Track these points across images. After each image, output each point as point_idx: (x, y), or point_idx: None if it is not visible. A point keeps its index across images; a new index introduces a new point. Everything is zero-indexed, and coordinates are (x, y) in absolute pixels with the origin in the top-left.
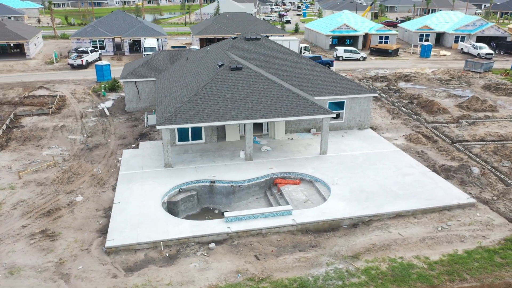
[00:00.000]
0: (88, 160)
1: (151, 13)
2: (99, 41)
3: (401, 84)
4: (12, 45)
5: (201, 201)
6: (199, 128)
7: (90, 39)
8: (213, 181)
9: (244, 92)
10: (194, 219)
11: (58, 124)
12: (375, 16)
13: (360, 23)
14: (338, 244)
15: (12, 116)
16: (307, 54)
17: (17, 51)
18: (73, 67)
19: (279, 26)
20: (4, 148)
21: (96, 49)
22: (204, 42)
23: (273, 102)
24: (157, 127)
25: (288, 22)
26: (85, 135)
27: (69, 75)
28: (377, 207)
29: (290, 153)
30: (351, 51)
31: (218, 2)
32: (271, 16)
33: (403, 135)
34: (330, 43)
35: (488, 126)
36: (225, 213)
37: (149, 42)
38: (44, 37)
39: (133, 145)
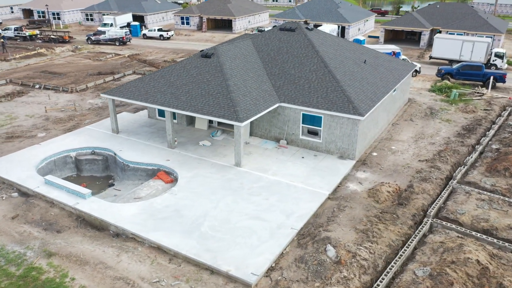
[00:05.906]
0: (99, 114)
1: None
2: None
3: None
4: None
5: (111, 168)
6: None
7: (284, 20)
8: (115, 154)
9: (188, 79)
10: (96, 180)
11: None
12: None
13: None
14: (66, 240)
15: (130, 72)
16: (498, 62)
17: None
18: None
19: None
20: (77, 92)
21: None
22: (388, 34)
23: (199, 96)
24: (101, 95)
25: None
26: None
27: None
28: (149, 230)
29: (214, 154)
30: None
31: None
32: None
33: (380, 183)
34: None
35: None
36: (46, 176)
37: (324, 27)
38: None
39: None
